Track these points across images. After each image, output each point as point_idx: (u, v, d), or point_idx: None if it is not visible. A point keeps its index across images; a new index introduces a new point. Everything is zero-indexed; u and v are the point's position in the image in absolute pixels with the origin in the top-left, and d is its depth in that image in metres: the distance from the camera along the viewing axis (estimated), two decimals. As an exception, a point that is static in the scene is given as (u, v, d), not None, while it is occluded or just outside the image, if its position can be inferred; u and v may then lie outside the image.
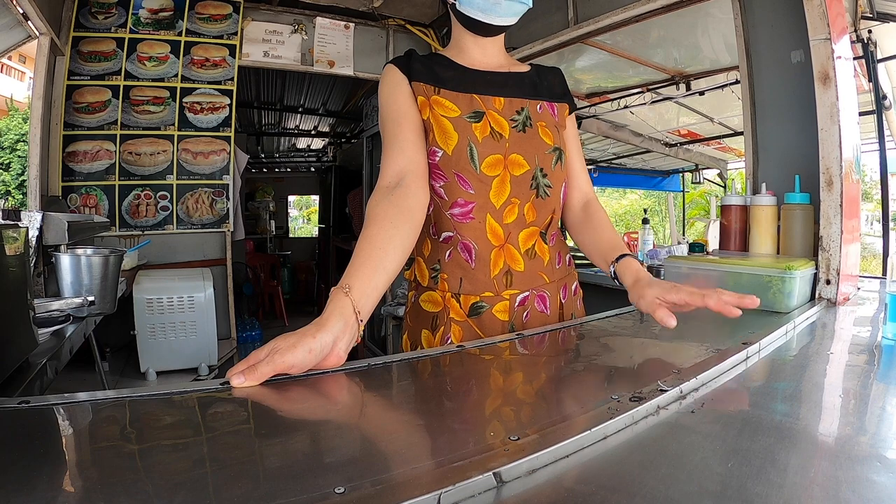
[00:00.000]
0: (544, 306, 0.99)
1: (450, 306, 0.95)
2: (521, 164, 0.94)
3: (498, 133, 0.93)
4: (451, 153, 0.91)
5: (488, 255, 0.94)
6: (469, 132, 0.92)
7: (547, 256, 0.99)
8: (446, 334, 0.95)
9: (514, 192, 0.94)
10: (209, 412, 0.55)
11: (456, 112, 0.93)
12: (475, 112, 0.93)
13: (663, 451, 0.46)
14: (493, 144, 0.92)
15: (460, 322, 0.95)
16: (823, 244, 1.16)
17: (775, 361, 0.75)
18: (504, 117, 0.95)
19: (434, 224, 0.97)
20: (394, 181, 0.88)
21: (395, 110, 0.93)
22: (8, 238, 0.72)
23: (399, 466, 0.42)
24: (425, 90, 0.93)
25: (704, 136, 4.76)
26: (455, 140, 0.91)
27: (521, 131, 0.95)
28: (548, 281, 0.99)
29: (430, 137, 0.93)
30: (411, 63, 0.96)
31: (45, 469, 0.39)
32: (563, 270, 1.04)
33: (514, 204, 0.94)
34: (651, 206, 12.46)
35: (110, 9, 2.71)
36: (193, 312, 2.50)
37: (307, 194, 10.19)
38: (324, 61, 3.10)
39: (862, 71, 2.62)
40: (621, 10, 2.06)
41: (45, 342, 1.00)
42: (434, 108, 0.93)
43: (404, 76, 0.95)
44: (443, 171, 0.93)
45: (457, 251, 0.95)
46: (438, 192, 0.94)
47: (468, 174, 0.92)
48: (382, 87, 0.97)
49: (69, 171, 2.66)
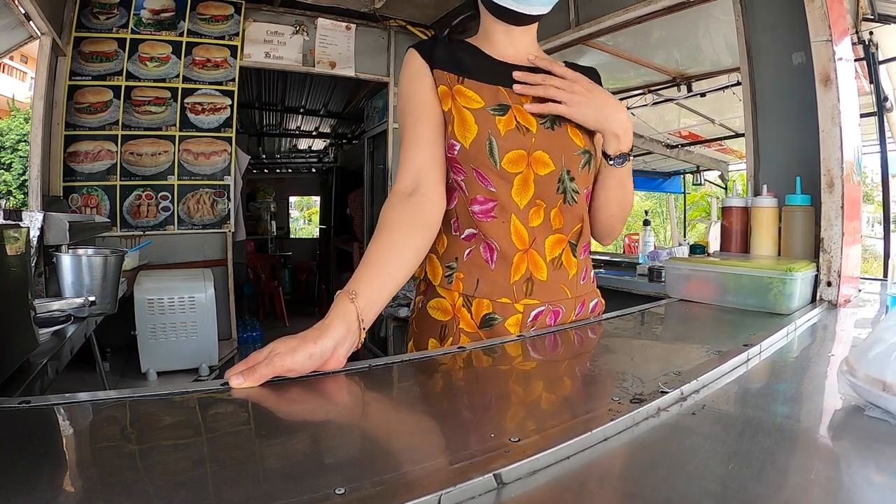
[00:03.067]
0: (555, 322, 0.93)
1: (460, 316, 0.90)
2: (547, 162, 0.87)
3: (524, 127, 0.86)
4: (469, 147, 0.85)
5: (511, 259, 0.88)
6: (491, 125, 0.85)
7: (574, 270, 0.93)
8: (455, 345, 0.89)
9: (538, 194, 0.87)
10: (210, 413, 0.55)
11: (479, 103, 0.86)
12: (500, 105, 0.87)
13: (664, 452, 0.46)
14: (517, 138, 0.86)
15: (470, 333, 0.89)
16: (824, 246, 1.16)
17: (776, 363, 0.75)
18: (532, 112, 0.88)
19: (457, 219, 0.91)
20: (410, 186, 0.84)
21: (415, 104, 0.88)
22: (9, 238, 0.72)
23: (399, 467, 0.42)
24: (448, 79, 0.87)
25: (705, 138, 4.76)
26: (474, 133, 0.85)
27: (550, 129, 0.88)
28: (569, 296, 0.93)
29: (450, 129, 0.87)
30: (435, 49, 0.89)
31: (46, 469, 0.39)
32: (587, 287, 0.98)
33: (540, 206, 0.88)
34: (652, 207, 12.47)
35: (112, 9, 2.71)
36: (194, 313, 2.50)
37: (308, 195, 10.20)
38: (325, 62, 3.11)
39: (863, 73, 2.62)
40: (622, 11, 2.06)
41: (46, 342, 1.00)
42: (456, 98, 0.86)
43: (426, 63, 0.88)
44: (461, 166, 0.87)
45: (478, 250, 0.89)
46: (461, 186, 0.89)
47: (487, 169, 0.86)
48: (403, 76, 0.92)
49: (70, 172, 2.66)
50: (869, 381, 0.51)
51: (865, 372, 0.52)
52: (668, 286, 1.27)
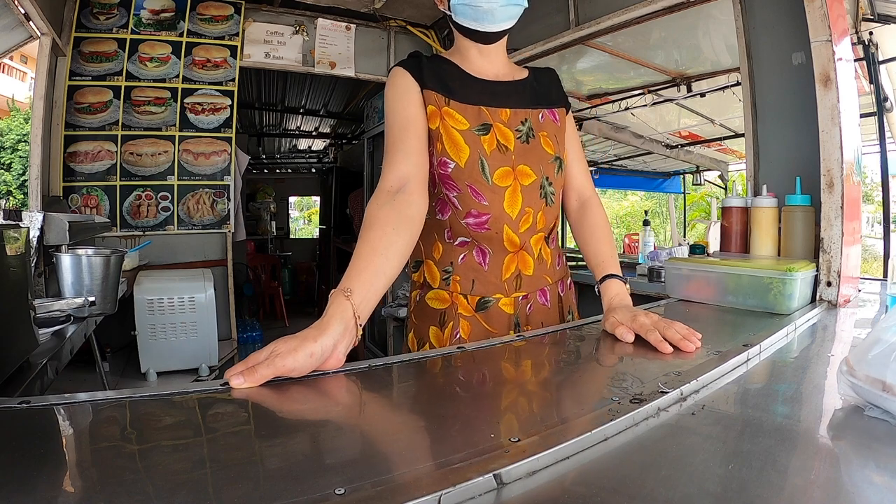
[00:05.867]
0: (545, 299, 1.05)
1: (457, 302, 0.99)
2: (529, 173, 0.97)
3: (504, 146, 0.96)
4: (464, 166, 0.94)
5: (502, 261, 0.99)
6: (479, 145, 0.94)
7: (550, 259, 1.05)
8: (455, 329, 0.98)
9: (526, 202, 0.97)
10: (210, 413, 0.55)
11: (465, 125, 0.95)
12: (483, 125, 0.96)
13: (664, 452, 0.46)
14: (500, 157, 0.95)
15: (468, 317, 0.99)
16: (824, 246, 1.16)
17: (776, 363, 0.75)
18: (509, 128, 0.98)
19: (450, 229, 1.00)
20: (396, 186, 0.88)
21: (405, 116, 0.94)
22: (9, 238, 0.72)
23: (399, 467, 0.42)
24: (437, 99, 0.95)
25: (705, 138, 4.75)
26: (467, 153, 0.94)
27: (525, 142, 0.98)
28: (550, 282, 1.06)
29: (440, 148, 0.95)
30: (422, 68, 0.96)
31: (46, 469, 0.39)
32: (563, 270, 1.11)
33: (528, 213, 0.98)
34: (652, 207, 12.44)
35: (111, 9, 2.71)
36: (194, 313, 2.50)
37: (308, 195, 10.19)
38: (325, 62, 3.11)
39: (863, 73, 2.62)
40: (622, 11, 2.06)
41: (46, 342, 1.00)
42: (445, 118, 0.94)
43: (415, 82, 0.95)
44: (455, 183, 0.95)
45: (471, 255, 0.99)
46: (452, 202, 0.97)
47: (481, 186, 0.95)
48: (391, 90, 0.97)
49: (70, 172, 2.66)
50: (869, 382, 0.51)
51: (865, 372, 0.52)
52: (667, 286, 1.27)
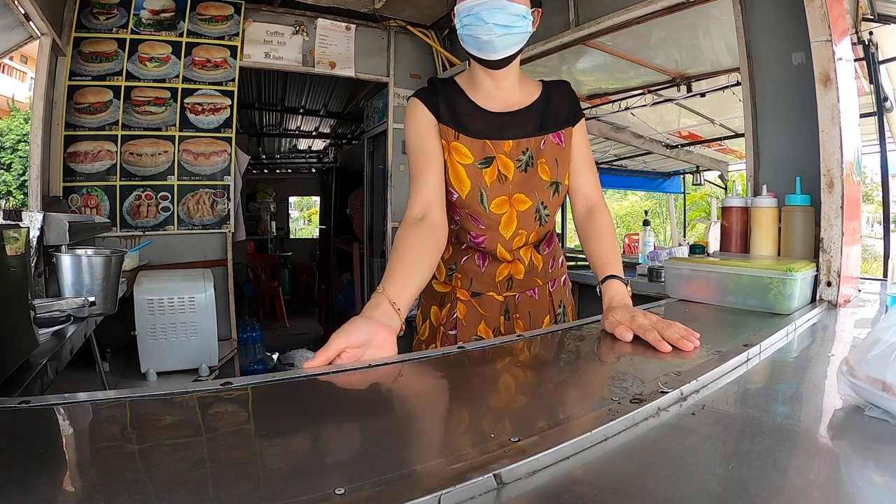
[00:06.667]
0: (533, 292, 1.15)
1: (457, 288, 1.14)
2: (525, 200, 1.07)
3: (503, 175, 1.05)
4: (466, 197, 1.05)
5: (498, 265, 1.11)
6: (480, 179, 1.04)
7: (541, 264, 1.15)
8: (452, 310, 1.12)
9: (521, 225, 1.07)
10: (209, 413, 0.55)
11: (469, 159, 1.04)
12: (486, 158, 1.04)
13: (664, 452, 0.46)
14: (499, 187, 1.05)
15: (465, 301, 1.12)
16: (824, 246, 1.16)
17: (776, 363, 0.75)
18: (511, 158, 1.05)
19: (456, 237, 1.14)
20: (420, 213, 0.99)
21: (428, 149, 1.04)
22: (9, 238, 0.72)
23: (399, 467, 0.42)
24: (447, 134, 1.04)
25: (705, 138, 4.75)
26: (468, 187, 1.04)
27: (524, 171, 1.06)
28: (541, 283, 1.15)
29: (446, 178, 1.05)
30: (438, 102, 1.05)
31: (46, 469, 0.39)
32: (557, 271, 1.19)
33: (522, 234, 1.08)
34: (652, 207, 12.44)
35: (111, 9, 2.71)
36: (194, 313, 2.50)
37: (308, 195, 10.19)
38: (325, 62, 3.10)
39: (863, 73, 2.62)
40: (622, 11, 2.06)
41: (46, 342, 1.00)
42: (452, 153, 1.04)
43: (433, 117, 1.04)
44: (458, 210, 1.08)
45: (472, 258, 1.13)
46: (456, 221, 1.11)
47: (479, 214, 1.06)
48: (412, 123, 1.06)
49: (70, 172, 2.66)
50: (869, 382, 0.51)
51: (865, 372, 0.52)
52: (668, 286, 1.27)
